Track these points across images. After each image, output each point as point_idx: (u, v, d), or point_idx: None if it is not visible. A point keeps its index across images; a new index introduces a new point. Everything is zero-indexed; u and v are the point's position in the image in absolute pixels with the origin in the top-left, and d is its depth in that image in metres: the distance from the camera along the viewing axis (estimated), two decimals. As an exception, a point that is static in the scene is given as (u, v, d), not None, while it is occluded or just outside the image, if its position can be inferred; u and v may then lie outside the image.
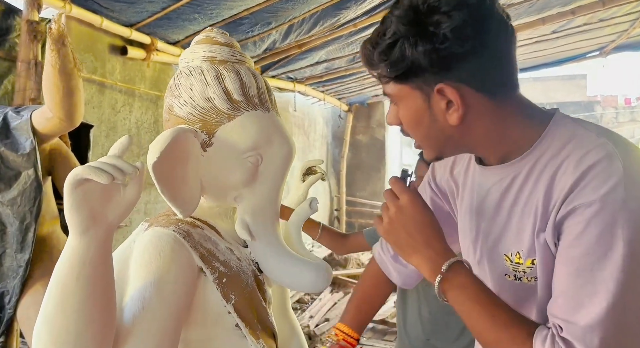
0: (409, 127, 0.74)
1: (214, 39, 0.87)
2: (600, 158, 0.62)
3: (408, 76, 0.68)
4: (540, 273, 0.68)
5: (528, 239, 0.69)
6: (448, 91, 0.67)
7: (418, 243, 0.71)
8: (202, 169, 0.84)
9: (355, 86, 5.63)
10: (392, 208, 0.72)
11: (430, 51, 0.64)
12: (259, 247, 0.90)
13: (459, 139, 0.72)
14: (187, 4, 2.52)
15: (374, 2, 3.08)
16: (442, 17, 0.63)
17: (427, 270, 0.71)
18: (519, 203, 0.71)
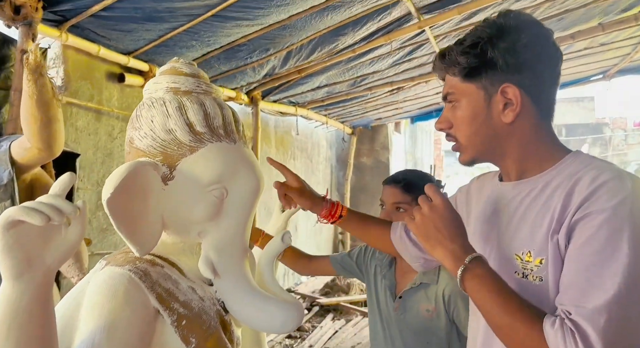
0: (462, 123, 0.86)
1: (178, 70, 0.84)
2: (612, 176, 0.74)
3: (480, 73, 0.83)
4: (547, 272, 0.76)
5: (541, 239, 0.78)
6: (511, 91, 0.81)
7: (444, 238, 0.80)
8: (163, 204, 0.81)
9: (357, 109, 5.64)
10: (425, 207, 0.83)
11: (508, 50, 0.80)
12: (224, 285, 0.85)
13: (502, 141, 0.85)
14: (183, 32, 2.54)
15: (371, 29, 3.09)
16: (521, 31, 0.81)
17: (450, 262, 0.80)
18: (532, 209, 0.81)
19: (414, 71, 4.27)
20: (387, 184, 1.39)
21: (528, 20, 0.84)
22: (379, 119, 6.43)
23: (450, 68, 0.86)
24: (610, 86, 5.03)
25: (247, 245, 0.88)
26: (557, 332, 0.68)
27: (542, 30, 0.83)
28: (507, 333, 0.74)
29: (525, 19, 0.84)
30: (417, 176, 1.39)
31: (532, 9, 3.19)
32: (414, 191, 1.31)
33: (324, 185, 6.66)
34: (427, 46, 3.64)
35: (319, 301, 4.77)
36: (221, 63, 3.17)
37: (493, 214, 0.90)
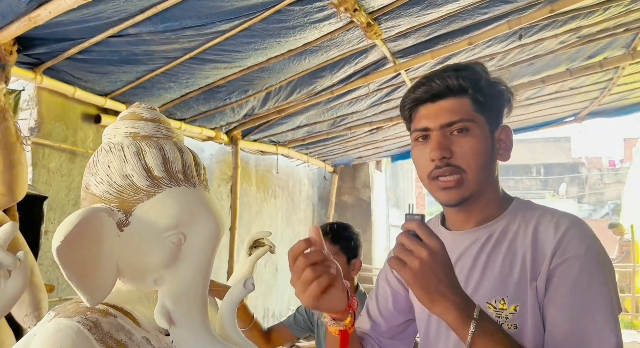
0: (475, 155, 0.83)
1: (138, 115, 0.84)
2: (572, 221, 0.79)
3: (491, 106, 0.85)
4: (523, 319, 0.77)
5: (514, 286, 0.78)
6: (507, 132, 0.87)
7: (446, 288, 0.71)
8: (118, 251, 0.78)
9: (338, 148, 5.70)
10: (421, 251, 0.70)
11: (504, 92, 0.87)
12: (181, 335, 0.82)
13: (493, 181, 0.87)
14: (161, 74, 2.57)
15: (348, 72, 3.17)
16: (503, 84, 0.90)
17: (456, 316, 0.70)
18: (496, 257, 0.82)
19: (392, 112, 4.36)
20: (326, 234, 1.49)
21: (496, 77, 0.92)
22: (360, 158, 6.49)
23: (474, 93, 0.84)
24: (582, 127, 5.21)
25: (206, 293, 0.86)
26: None
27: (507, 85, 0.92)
28: None
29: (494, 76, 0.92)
30: (342, 226, 1.58)
31: (503, 54, 3.33)
32: (340, 241, 1.49)
33: (306, 224, 6.61)
34: (403, 88, 3.74)
35: (298, 344, 4.62)
36: (200, 104, 3.20)
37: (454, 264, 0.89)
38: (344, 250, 1.54)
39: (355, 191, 7.10)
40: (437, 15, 2.55)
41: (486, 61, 3.44)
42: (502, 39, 3.03)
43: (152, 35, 2.16)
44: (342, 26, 2.47)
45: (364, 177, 7.05)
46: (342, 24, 2.43)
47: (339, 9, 2.20)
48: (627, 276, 7.53)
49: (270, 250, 1.18)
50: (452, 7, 2.45)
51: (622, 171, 17.71)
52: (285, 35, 2.38)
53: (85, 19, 1.95)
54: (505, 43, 3.08)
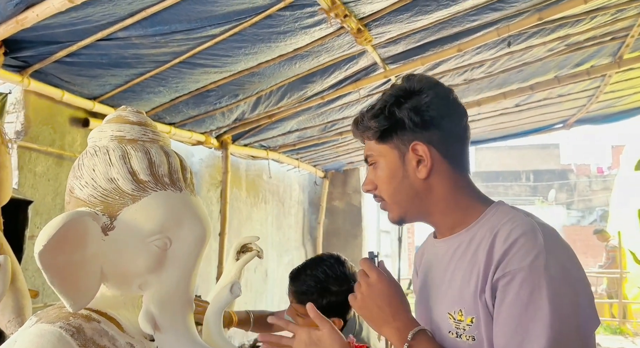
0: (383, 183, 0.89)
1: (124, 118, 0.84)
2: (525, 231, 0.76)
3: (391, 134, 0.87)
4: (479, 331, 0.77)
5: (469, 297, 0.79)
6: (420, 149, 0.86)
7: (387, 315, 0.80)
8: (103, 255, 0.77)
9: (329, 153, 5.70)
10: (363, 285, 0.83)
11: (413, 110, 0.86)
12: (166, 340, 0.81)
13: (423, 197, 0.87)
14: (151, 78, 2.56)
15: (339, 77, 3.18)
16: (423, 92, 0.87)
17: (396, 340, 0.79)
18: (460, 267, 0.82)
19: (382, 118, 4.38)
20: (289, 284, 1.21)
21: (429, 81, 0.90)
22: (351, 163, 6.50)
23: (365, 133, 0.91)
24: (570, 134, 5.28)
25: (191, 298, 0.85)
26: None
27: (442, 89, 0.90)
28: None
29: (427, 81, 0.90)
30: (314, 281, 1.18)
31: (492, 61, 3.37)
32: (307, 299, 1.15)
33: (297, 229, 6.60)
34: (393, 94, 3.76)
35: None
36: (190, 108, 3.19)
37: (429, 272, 0.92)
38: None
39: (346, 196, 7.10)
40: (427, 22, 2.58)
41: (475, 68, 3.47)
42: (492, 46, 3.06)
43: (142, 39, 2.15)
44: (333, 32, 2.48)
45: (355, 182, 7.05)
46: (333, 29, 2.44)
47: (329, 15, 2.21)
48: (615, 283, 7.60)
49: (258, 255, 1.18)
50: (441, 14, 2.47)
51: (610, 178, 17.94)
52: (275, 40, 2.39)
53: (74, 22, 1.93)
54: (494, 50, 3.12)
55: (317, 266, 1.20)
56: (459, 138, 0.89)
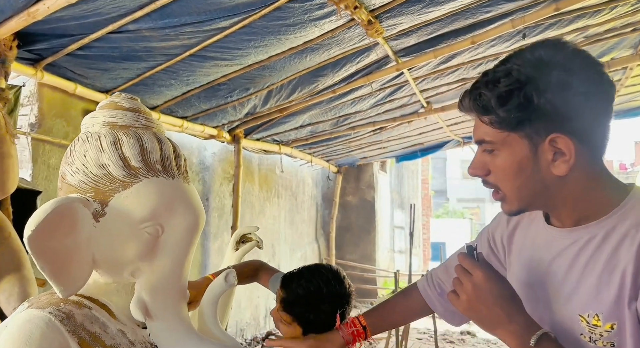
0: (505, 176, 0.75)
1: (117, 104, 0.84)
2: None
3: (523, 123, 0.71)
4: (621, 338, 0.68)
5: (610, 302, 0.69)
6: (561, 142, 0.70)
7: (500, 317, 0.71)
8: (94, 242, 0.77)
9: (342, 148, 5.68)
10: (467, 284, 0.73)
11: (556, 94, 0.68)
12: (158, 328, 0.81)
13: (554, 192, 0.73)
14: (162, 71, 2.57)
15: (350, 70, 3.15)
16: (570, 68, 0.69)
17: (515, 344, 0.71)
18: (595, 264, 0.72)
19: (395, 112, 4.34)
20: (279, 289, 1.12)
21: (575, 51, 0.71)
22: (364, 158, 6.47)
23: (486, 116, 0.73)
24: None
25: (185, 286, 0.85)
26: None
27: (593, 62, 0.72)
28: None
29: (573, 50, 0.71)
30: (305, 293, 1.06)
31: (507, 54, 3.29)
32: (292, 311, 1.07)
33: (309, 224, 6.60)
34: (406, 88, 3.71)
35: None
36: (201, 101, 3.20)
37: (544, 265, 0.80)
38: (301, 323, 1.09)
39: (359, 191, 7.07)
40: (439, 14, 2.53)
41: (490, 61, 3.40)
42: (506, 39, 2.99)
43: (152, 31, 2.16)
44: (343, 24, 2.45)
45: (368, 178, 7.02)
46: (343, 21, 2.41)
47: (339, 6, 2.19)
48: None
49: (257, 245, 1.17)
50: (454, 5, 2.42)
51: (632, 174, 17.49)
52: (285, 32, 2.37)
53: (85, 14, 1.95)
54: (509, 43, 3.05)
55: (312, 277, 1.09)
56: (606, 122, 0.72)
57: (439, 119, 4.70)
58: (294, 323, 1.08)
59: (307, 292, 1.07)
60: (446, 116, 4.64)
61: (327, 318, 1.07)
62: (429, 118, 4.53)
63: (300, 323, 1.08)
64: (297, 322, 1.08)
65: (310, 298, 1.07)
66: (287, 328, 1.09)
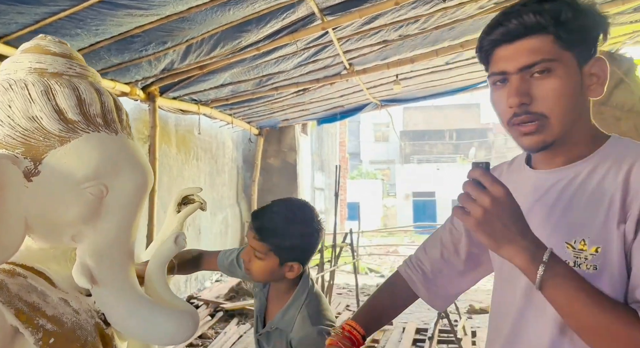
0: (559, 98, 0.76)
1: (45, 48, 0.73)
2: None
3: (582, 41, 0.76)
4: (603, 261, 0.73)
5: (598, 227, 0.73)
6: (599, 65, 0.76)
7: (514, 234, 0.71)
8: (26, 204, 0.69)
9: (264, 109, 5.57)
10: (484, 199, 0.70)
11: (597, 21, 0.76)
12: (105, 295, 0.75)
13: (582, 120, 0.78)
14: (66, 18, 2.28)
15: (275, 27, 3.05)
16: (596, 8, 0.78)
17: (525, 260, 0.71)
18: (580, 196, 0.77)
19: (318, 73, 4.32)
20: (251, 222, 1.13)
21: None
22: (286, 120, 6.42)
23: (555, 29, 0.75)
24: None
25: (132, 249, 0.79)
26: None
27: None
28: (603, 334, 0.69)
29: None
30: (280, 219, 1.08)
31: (427, 17, 3.39)
32: (268, 239, 1.07)
33: (230, 187, 6.49)
34: (331, 48, 3.69)
35: (223, 306, 4.62)
36: (112, 55, 2.92)
37: (533, 203, 0.83)
38: (277, 251, 1.09)
39: (281, 154, 7.06)
40: (366, -28, 2.51)
41: (410, 24, 3.49)
42: (427, 1, 3.07)
43: (53, -30, 1.89)
44: (270, -24, 2.35)
45: (290, 140, 7.02)
46: (270, -27, 2.30)
47: (267, -44, 2.08)
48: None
49: (201, 207, 1.12)
50: (381, -36, 2.42)
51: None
52: (207, -19, 2.22)
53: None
54: (429, 5, 3.13)
55: (285, 205, 1.12)
56: None
57: (359, 82, 4.77)
58: (270, 253, 1.08)
59: (284, 218, 1.09)
60: (367, 79, 4.72)
61: (302, 242, 1.10)
62: (350, 80, 4.58)
63: (277, 251, 1.09)
64: (273, 251, 1.08)
65: (287, 223, 1.09)
66: (262, 263, 1.08)
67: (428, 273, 1.03)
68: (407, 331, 4.18)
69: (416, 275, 1.04)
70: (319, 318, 1.09)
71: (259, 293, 1.21)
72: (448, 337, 3.91)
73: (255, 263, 1.09)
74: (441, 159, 22.13)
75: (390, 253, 10.50)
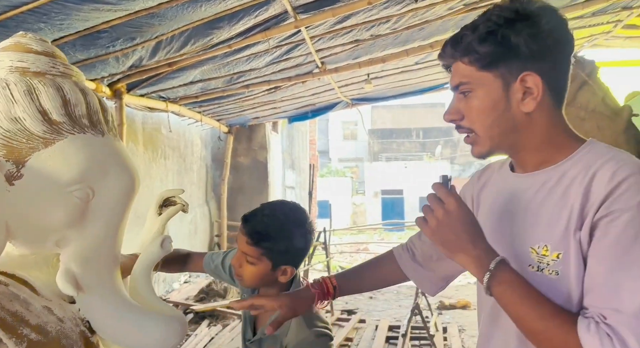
0: (479, 114, 0.81)
1: (26, 46, 0.70)
2: (632, 171, 0.73)
3: (498, 61, 0.79)
4: (564, 266, 0.76)
5: (559, 234, 0.76)
6: (531, 80, 0.78)
7: (465, 243, 0.76)
8: (8, 209, 0.66)
9: (234, 107, 5.51)
10: (438, 210, 0.77)
11: (532, 36, 0.77)
12: (90, 302, 0.73)
13: (521, 131, 0.81)
14: (28, 12, 2.18)
15: (248, 24, 3.02)
16: (543, 17, 0.78)
17: (475, 267, 0.76)
18: (548, 202, 0.80)
19: (290, 71, 4.30)
20: (241, 226, 1.11)
21: (546, 5, 0.81)
22: (257, 118, 6.37)
23: (466, 56, 0.81)
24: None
25: (118, 254, 0.77)
26: (593, 337, 0.68)
27: (559, 15, 0.81)
28: (541, 339, 0.73)
29: (544, 4, 0.81)
30: (273, 222, 1.06)
31: (398, 17, 3.44)
32: (261, 243, 1.05)
33: (199, 186, 6.39)
34: (303, 46, 3.69)
35: (193, 308, 4.55)
36: (77, 50, 2.81)
37: (506, 206, 0.87)
38: (270, 255, 1.07)
39: (251, 152, 6.99)
40: (340, -29, 2.52)
41: (382, 23, 3.53)
42: (399, 1, 3.11)
43: (17, -39, 1.81)
44: (244, -27, 2.32)
45: (261, 138, 6.96)
46: (244, -30, 2.28)
47: (241, -47, 2.05)
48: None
49: (183, 209, 1.09)
50: (355, -36, 2.43)
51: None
52: (180, -23, 2.17)
53: None
54: (401, 5, 3.18)
55: (276, 208, 1.11)
56: (566, 70, 0.83)
57: (331, 80, 4.79)
58: (263, 257, 1.06)
59: (276, 221, 1.07)
60: (338, 77, 4.74)
61: (295, 245, 1.09)
62: (322, 79, 4.59)
63: (270, 255, 1.07)
64: (265, 255, 1.06)
65: (280, 225, 1.07)
66: (254, 267, 1.06)
67: (418, 256, 1.06)
68: (380, 328, 4.24)
69: (406, 256, 1.07)
70: (313, 321, 1.09)
71: (247, 298, 1.19)
72: (420, 333, 3.99)
73: (247, 268, 1.08)
74: (408, 157, 22.51)
75: (360, 251, 10.61)
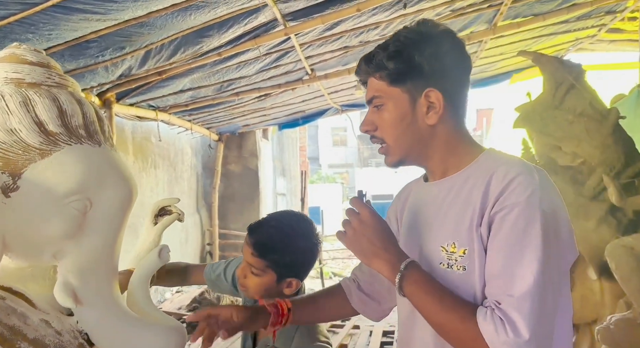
0: (389, 126, 0.90)
1: (21, 57, 0.69)
2: (521, 171, 0.82)
3: (405, 78, 0.87)
4: (470, 261, 0.82)
5: (464, 231, 0.84)
6: (434, 95, 0.87)
7: (378, 249, 0.83)
8: (4, 221, 0.65)
9: (224, 115, 5.50)
10: (354, 221, 0.85)
11: (433, 57, 0.87)
12: (89, 314, 0.72)
13: (426, 142, 0.90)
14: (16, 22, 2.16)
15: (237, 32, 3.03)
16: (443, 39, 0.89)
17: (388, 271, 0.83)
18: (454, 205, 0.87)
19: (280, 78, 4.31)
20: (247, 237, 1.10)
21: (446, 29, 0.92)
22: (247, 126, 6.36)
23: (377, 72, 0.89)
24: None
25: (116, 266, 0.76)
26: (489, 323, 0.74)
27: (458, 39, 0.92)
28: (447, 330, 0.80)
29: (444, 28, 0.92)
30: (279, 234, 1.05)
31: (387, 23, 3.47)
32: (267, 256, 1.05)
33: (190, 195, 6.35)
34: (293, 53, 3.70)
35: (185, 318, 4.50)
36: (66, 61, 2.79)
37: (419, 211, 0.95)
38: (275, 267, 1.06)
39: (242, 160, 6.97)
40: (329, -21, 2.54)
41: (371, 30, 3.55)
42: (387, 8, 3.14)
43: (4, -28, 1.80)
44: (232, -19, 2.33)
45: (251, 146, 6.95)
46: (233, -22, 2.28)
47: (230, -38, 2.06)
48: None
49: (179, 218, 1.09)
50: (343, -29, 2.45)
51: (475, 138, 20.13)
52: (169, -14, 2.17)
53: None
54: (389, 11, 3.21)
55: (282, 219, 1.10)
56: (465, 88, 0.92)
57: (321, 87, 4.81)
58: (268, 269, 1.06)
59: (281, 233, 1.06)
60: (328, 84, 4.76)
61: (301, 258, 1.08)
62: (312, 86, 4.60)
63: (275, 268, 1.07)
64: (271, 267, 1.06)
65: (285, 238, 1.06)
66: (259, 279, 1.06)
67: (362, 285, 1.10)
68: (374, 334, 4.22)
69: (352, 285, 1.11)
70: (316, 334, 1.09)
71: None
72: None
73: (251, 280, 1.07)
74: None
75: (352, 257, 10.59)
